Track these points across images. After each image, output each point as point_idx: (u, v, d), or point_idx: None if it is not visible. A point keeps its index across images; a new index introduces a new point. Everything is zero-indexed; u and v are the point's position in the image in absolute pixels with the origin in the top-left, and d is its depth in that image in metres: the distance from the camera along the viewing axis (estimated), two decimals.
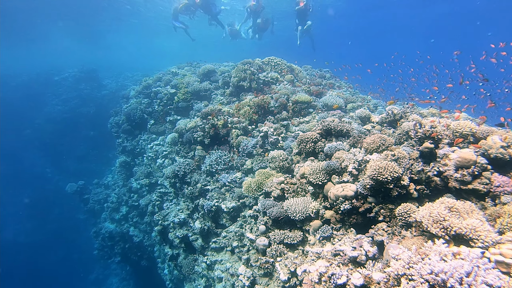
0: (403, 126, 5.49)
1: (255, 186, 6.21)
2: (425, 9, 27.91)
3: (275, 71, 11.50)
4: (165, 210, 9.28)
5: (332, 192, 4.67)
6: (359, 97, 10.43)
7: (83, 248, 19.96)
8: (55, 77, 26.26)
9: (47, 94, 25.25)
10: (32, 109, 24.62)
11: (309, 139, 6.03)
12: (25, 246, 21.14)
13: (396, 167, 4.09)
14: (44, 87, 25.65)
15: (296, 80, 11.20)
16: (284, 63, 11.68)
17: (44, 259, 20.67)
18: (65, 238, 20.93)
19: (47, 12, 25.52)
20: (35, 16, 26.51)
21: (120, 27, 33.51)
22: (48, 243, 20.93)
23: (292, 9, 21.64)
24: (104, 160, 22.34)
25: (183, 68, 14.84)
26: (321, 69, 13.38)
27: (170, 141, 10.63)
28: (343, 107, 8.90)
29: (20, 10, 24.00)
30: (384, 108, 9.63)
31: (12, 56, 39.66)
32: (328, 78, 12.39)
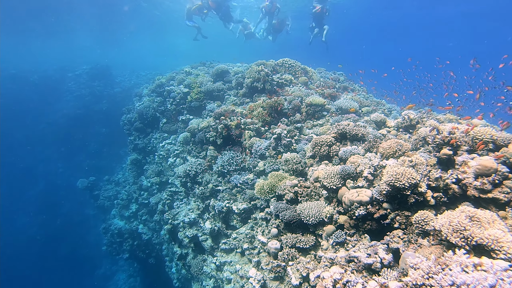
0: (420, 132, 5.39)
1: (267, 189, 6.17)
2: (443, 8, 27.31)
3: (289, 72, 11.45)
4: (175, 209, 9.29)
5: (347, 197, 4.60)
6: (373, 101, 10.32)
7: (91, 243, 20.20)
8: (69, 74, 26.66)
9: (62, 90, 25.67)
10: (48, 104, 25.06)
11: (323, 143, 5.97)
12: (36, 239, 21.41)
13: (413, 173, 4.01)
14: (60, 83, 26.11)
15: (310, 83, 11.13)
16: (298, 65, 11.62)
17: (53, 252, 20.90)
18: (75, 233, 21.15)
19: (66, 10, 25.90)
20: (56, 14, 26.93)
21: (136, 25, 33.78)
22: (58, 237, 21.16)
23: (308, 9, 21.61)
24: (115, 157, 22.53)
25: (197, 68, 14.88)
26: (335, 72, 13.28)
27: (182, 140, 10.64)
28: (358, 111, 8.81)
29: (44, 8, 24.41)
30: (399, 112, 9.52)
31: (32, 52, 40.54)
32: (342, 81, 12.29)
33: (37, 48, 40.93)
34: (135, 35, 40.48)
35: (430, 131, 4.90)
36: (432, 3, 25.83)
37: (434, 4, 26.43)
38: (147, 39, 44.48)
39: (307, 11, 23.33)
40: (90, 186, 18.18)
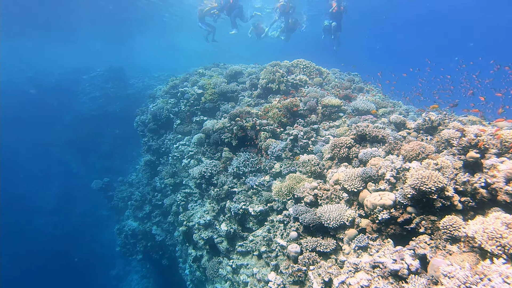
0: (443, 134, 5.24)
1: (286, 191, 6.08)
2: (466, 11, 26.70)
3: (303, 73, 11.35)
4: (190, 211, 9.26)
5: (369, 200, 4.49)
6: (390, 102, 10.15)
7: (105, 243, 20.39)
8: (84, 76, 27.05)
9: (77, 92, 26.09)
10: (63, 106, 25.50)
11: (343, 144, 5.87)
12: (52, 238, 21.71)
13: (440, 176, 3.89)
14: (75, 85, 26.56)
15: (325, 84, 11.02)
16: (313, 65, 11.52)
17: (68, 252, 21.14)
18: (89, 233, 21.41)
19: (82, 15, 26.28)
20: (71, 19, 27.37)
21: (147, 27, 34.06)
22: (73, 237, 21.43)
23: (322, 7, 21.49)
24: (128, 158, 22.70)
25: (210, 69, 14.88)
26: (350, 73, 13.14)
27: (196, 141, 10.61)
28: (376, 112, 8.67)
29: (59, 14, 24.83)
30: (416, 113, 9.35)
31: (50, 55, 41.39)
32: (357, 82, 12.13)
33: (53, 52, 41.75)
34: (147, 37, 40.82)
35: (453, 134, 4.77)
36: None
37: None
38: (159, 40, 44.80)
39: (321, 10, 23.24)
40: (104, 187, 18.33)
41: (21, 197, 22.99)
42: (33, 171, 24.13)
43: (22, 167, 24.29)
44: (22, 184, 23.51)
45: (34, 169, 24.22)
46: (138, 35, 38.89)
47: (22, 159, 24.54)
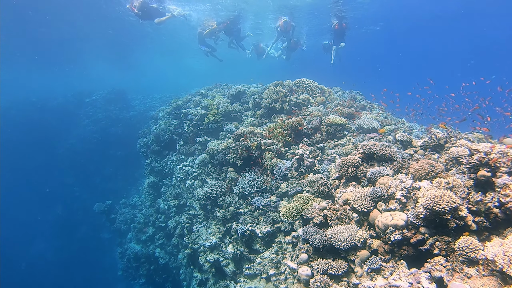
0: (451, 152, 5.22)
1: (294, 211, 6.02)
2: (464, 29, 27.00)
3: (306, 92, 11.42)
4: (195, 232, 9.15)
5: (381, 220, 4.43)
6: (393, 119, 10.17)
7: (107, 267, 20.03)
8: (87, 99, 27.30)
9: (80, 115, 26.28)
10: (66, 129, 25.62)
11: (351, 163, 5.83)
12: (52, 264, 21.39)
13: (453, 196, 3.84)
14: (77, 108, 26.80)
15: (328, 102, 11.06)
16: (315, 84, 11.59)
17: (69, 277, 20.79)
18: (90, 257, 21.06)
19: (83, 37, 26.72)
20: (73, 42, 27.83)
21: (148, 49, 34.53)
22: (74, 262, 21.10)
23: (323, 26, 21.82)
24: (130, 179, 22.58)
25: (212, 90, 15.00)
26: (352, 91, 13.21)
27: (200, 162, 10.59)
28: (379, 130, 8.67)
29: (60, 36, 25.25)
30: (420, 131, 9.34)
31: (52, 79, 42.00)
32: (359, 100, 12.19)
33: (56, 76, 42.34)
34: (149, 59, 41.30)
35: (460, 152, 4.74)
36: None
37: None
38: (161, 61, 45.28)
39: (322, 28, 23.61)
40: (107, 210, 18.17)
41: (21, 222, 22.82)
42: (35, 195, 24.03)
43: (24, 191, 24.22)
44: (23, 209, 23.37)
45: (36, 194, 24.12)
46: (140, 57, 39.36)
47: (24, 184, 24.48)
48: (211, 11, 18.95)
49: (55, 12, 18.60)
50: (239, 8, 18.50)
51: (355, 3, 18.05)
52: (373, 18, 21.44)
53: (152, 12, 14.48)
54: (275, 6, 18.54)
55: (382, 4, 18.57)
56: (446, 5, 19.33)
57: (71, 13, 19.12)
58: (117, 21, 21.61)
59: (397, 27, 24.66)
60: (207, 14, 19.46)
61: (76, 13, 19.37)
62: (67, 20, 20.49)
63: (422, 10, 20.37)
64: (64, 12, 18.80)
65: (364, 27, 24.24)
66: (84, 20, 21.10)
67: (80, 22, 21.35)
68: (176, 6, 17.70)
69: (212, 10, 18.89)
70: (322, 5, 18.60)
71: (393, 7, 18.89)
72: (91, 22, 21.50)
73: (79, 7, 18.34)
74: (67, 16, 19.62)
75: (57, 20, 20.19)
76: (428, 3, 19.06)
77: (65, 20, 20.53)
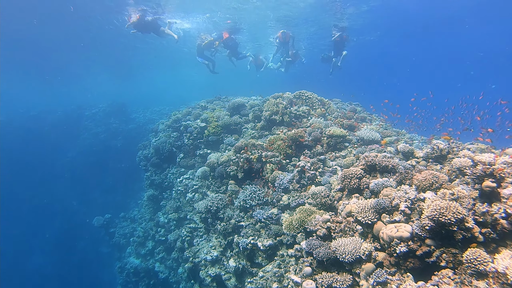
0: (454, 162, 5.19)
1: (296, 224, 5.95)
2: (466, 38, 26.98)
3: (306, 104, 11.44)
4: (196, 246, 9.04)
5: (385, 232, 4.37)
6: (394, 131, 10.18)
7: (106, 283, 19.72)
8: (87, 112, 27.38)
9: (80, 128, 26.37)
10: (66, 142, 25.62)
11: (353, 175, 5.80)
12: (50, 279, 21.07)
13: (459, 207, 3.80)
14: (77, 122, 26.89)
15: (328, 114, 11.08)
16: (315, 96, 11.62)
17: None
18: (89, 272, 20.75)
19: (82, 52, 26.95)
20: (73, 57, 28.08)
21: (148, 62, 34.74)
22: (72, 277, 20.78)
23: (320, 36, 21.99)
24: (129, 192, 22.46)
25: (212, 102, 15.04)
26: (351, 103, 13.26)
27: (200, 175, 10.54)
28: (380, 141, 8.66)
29: (59, 51, 25.49)
30: (421, 142, 9.34)
31: (52, 93, 42.23)
32: (359, 111, 12.22)
33: (57, 90, 42.55)
34: (149, 72, 41.58)
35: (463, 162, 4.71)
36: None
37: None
38: (160, 74, 45.62)
39: (320, 42, 23.82)
40: (106, 224, 18.03)
41: (20, 237, 22.57)
42: (34, 209, 23.85)
43: (23, 205, 24.04)
44: (21, 223, 23.15)
45: (35, 207, 23.94)
46: (140, 70, 39.65)
47: (22, 198, 24.33)
48: (209, 23, 19.10)
49: (55, 24, 18.72)
50: (237, 19, 18.62)
51: (353, 13, 18.17)
52: (370, 28, 21.53)
53: (151, 26, 14.63)
54: (274, 17, 18.65)
55: (379, 14, 18.72)
56: (447, 12, 19.36)
57: (70, 26, 19.26)
58: (114, 34, 21.75)
59: (394, 36, 24.74)
60: (205, 26, 19.62)
61: (74, 26, 19.50)
62: (67, 33, 20.63)
63: (421, 18, 20.44)
64: (64, 25, 18.92)
65: (361, 37, 24.39)
66: (82, 34, 21.25)
67: (78, 35, 21.51)
68: (175, 19, 17.85)
69: (211, 22, 19.05)
70: (321, 18, 18.79)
71: (390, 16, 19.00)
72: (89, 35, 21.63)
73: (76, 20, 18.44)
74: (67, 29, 19.76)
75: (57, 32, 20.33)
76: (426, 11, 19.13)
77: (64, 33, 20.67)
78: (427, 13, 19.16)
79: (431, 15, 19.31)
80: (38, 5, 16.02)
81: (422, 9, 18.52)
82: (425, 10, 18.57)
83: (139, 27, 14.45)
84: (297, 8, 17.37)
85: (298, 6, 17.06)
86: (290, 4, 16.87)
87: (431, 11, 18.96)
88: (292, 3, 16.64)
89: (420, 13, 19.21)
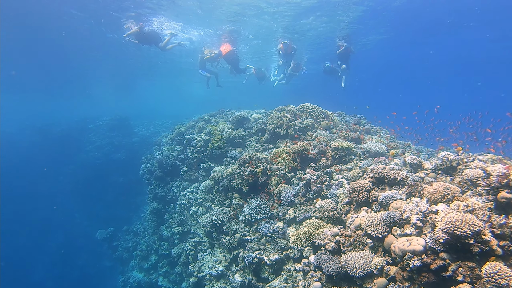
0: (466, 174, 5.09)
1: (304, 238, 5.83)
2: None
3: (310, 117, 11.38)
4: (200, 260, 8.88)
5: (397, 246, 4.25)
6: (399, 143, 10.09)
7: None
8: (90, 125, 27.48)
9: (83, 141, 26.47)
10: (69, 155, 25.70)
11: (361, 188, 5.69)
12: None
13: (475, 219, 3.69)
14: (81, 135, 27.02)
15: (332, 127, 11.01)
16: (319, 109, 11.57)
17: None
18: (91, 286, 20.51)
19: (89, 67, 27.21)
20: (80, 72, 28.34)
21: (152, 76, 34.98)
22: None
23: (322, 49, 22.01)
24: (132, 206, 22.35)
25: (216, 116, 15.03)
26: (355, 115, 13.21)
27: (204, 188, 10.44)
28: (386, 153, 8.56)
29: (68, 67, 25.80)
30: (427, 153, 9.24)
31: (58, 106, 42.57)
32: (363, 124, 12.15)
33: (62, 103, 42.90)
34: (152, 85, 41.81)
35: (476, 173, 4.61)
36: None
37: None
38: (163, 88, 45.82)
39: (322, 53, 23.88)
40: (109, 237, 17.90)
41: (22, 250, 22.39)
42: (36, 222, 23.73)
43: (25, 218, 23.94)
44: (23, 236, 23.01)
45: (37, 220, 23.84)
46: (143, 83, 39.90)
47: (25, 210, 24.25)
48: (210, 35, 19.16)
49: (61, 36, 18.87)
50: (239, 31, 18.64)
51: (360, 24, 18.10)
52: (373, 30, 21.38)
53: (150, 37, 14.62)
54: (279, 29, 18.65)
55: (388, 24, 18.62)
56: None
57: (75, 38, 19.38)
58: (118, 46, 21.90)
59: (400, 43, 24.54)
60: (208, 39, 19.68)
61: (80, 38, 19.63)
62: (72, 45, 20.78)
63: (427, 25, 20.20)
64: (69, 36, 19.06)
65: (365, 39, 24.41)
66: (88, 46, 21.39)
67: (84, 48, 21.66)
68: (174, 31, 17.80)
69: (214, 35, 19.15)
70: (325, 31, 18.84)
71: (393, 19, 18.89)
72: (94, 47, 21.78)
73: (82, 32, 18.54)
74: (72, 41, 19.90)
75: (64, 44, 20.49)
76: (434, 18, 18.86)
77: (70, 45, 20.82)
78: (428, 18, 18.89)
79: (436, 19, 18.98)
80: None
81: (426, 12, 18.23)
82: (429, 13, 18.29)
83: (139, 38, 14.41)
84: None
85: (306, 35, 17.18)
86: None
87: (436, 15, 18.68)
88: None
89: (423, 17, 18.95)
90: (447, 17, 18.35)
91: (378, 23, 18.48)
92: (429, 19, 18.54)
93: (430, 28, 20.25)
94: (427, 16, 18.04)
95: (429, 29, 20.47)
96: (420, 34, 21.69)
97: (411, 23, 18.96)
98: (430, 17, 18.21)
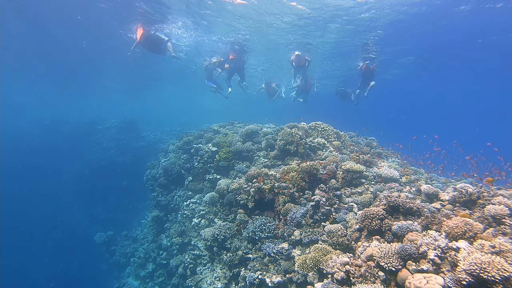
0: (488, 210, 4.80)
1: (311, 263, 5.54)
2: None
3: (321, 136, 11.15)
4: (199, 275, 8.60)
5: (413, 283, 3.95)
6: (411, 169, 9.79)
7: None
8: (99, 126, 27.48)
9: (90, 141, 26.47)
10: (75, 154, 25.66)
11: (375, 215, 5.41)
12: None
13: (504, 263, 3.40)
14: (89, 135, 27.08)
15: (343, 147, 10.77)
16: (331, 129, 11.35)
17: None
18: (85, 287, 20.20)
19: (103, 69, 27.34)
20: (93, 73, 28.48)
21: (165, 82, 35.04)
22: None
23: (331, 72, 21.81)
24: (133, 211, 22.11)
25: (225, 127, 14.87)
26: (367, 137, 12.95)
27: (208, 200, 10.20)
28: (399, 180, 8.28)
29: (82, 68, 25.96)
30: (440, 182, 8.93)
31: (69, 105, 42.87)
32: (375, 147, 11.89)
33: (73, 102, 43.17)
34: (163, 91, 41.89)
35: None
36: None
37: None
38: (174, 95, 45.89)
39: (330, 73, 23.75)
40: (108, 241, 17.65)
41: (20, 247, 22.20)
42: (37, 220, 23.59)
43: (26, 216, 23.83)
44: (23, 234, 22.85)
45: (38, 219, 23.69)
46: (155, 89, 40.02)
47: (27, 208, 24.17)
48: (217, 42, 18.90)
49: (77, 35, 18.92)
50: (247, 40, 18.32)
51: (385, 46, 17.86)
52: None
53: (156, 43, 14.22)
54: (295, 43, 18.17)
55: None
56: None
57: (91, 39, 19.45)
58: None
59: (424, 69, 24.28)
60: (215, 46, 19.40)
61: (95, 40, 19.68)
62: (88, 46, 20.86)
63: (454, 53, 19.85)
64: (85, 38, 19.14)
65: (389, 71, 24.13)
66: (102, 48, 21.43)
67: (98, 49, 21.72)
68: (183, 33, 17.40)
69: (224, 42, 18.92)
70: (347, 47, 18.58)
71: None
72: (108, 50, 21.83)
73: (94, 34, 18.58)
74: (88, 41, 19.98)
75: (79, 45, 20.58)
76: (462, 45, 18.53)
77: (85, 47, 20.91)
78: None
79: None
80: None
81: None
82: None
83: (145, 43, 13.96)
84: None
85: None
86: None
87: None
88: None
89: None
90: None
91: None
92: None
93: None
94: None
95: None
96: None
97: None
98: None
